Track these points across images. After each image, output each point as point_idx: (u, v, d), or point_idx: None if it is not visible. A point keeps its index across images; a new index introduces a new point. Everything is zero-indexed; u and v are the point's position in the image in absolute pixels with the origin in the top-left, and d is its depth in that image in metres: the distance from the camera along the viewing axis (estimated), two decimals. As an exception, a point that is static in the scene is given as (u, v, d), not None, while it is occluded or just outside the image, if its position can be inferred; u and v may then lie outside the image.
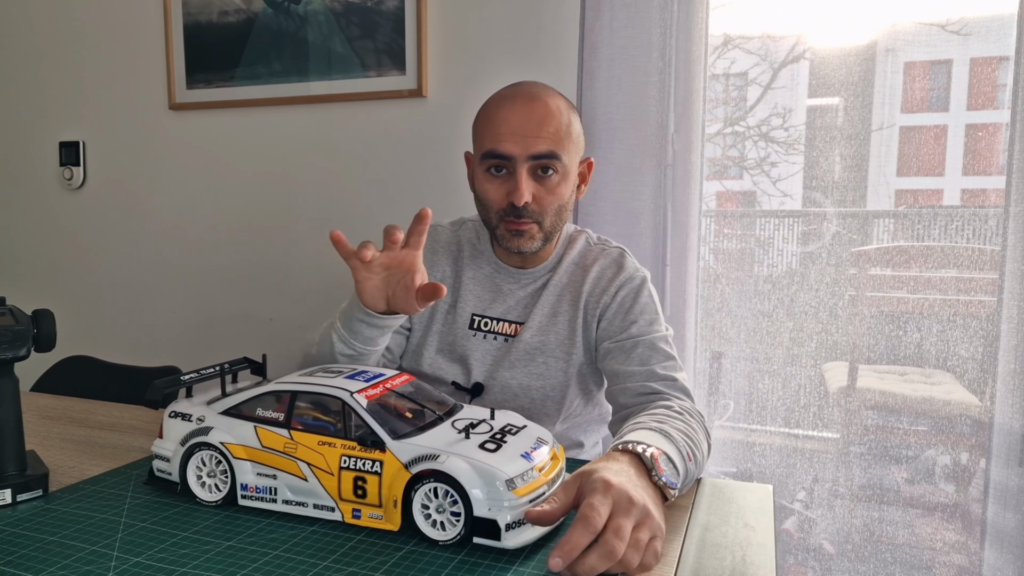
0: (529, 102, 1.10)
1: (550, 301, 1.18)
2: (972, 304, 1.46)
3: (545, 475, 0.74)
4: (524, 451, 0.74)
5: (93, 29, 2.07)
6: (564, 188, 1.12)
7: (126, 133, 2.08)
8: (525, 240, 1.12)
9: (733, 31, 1.60)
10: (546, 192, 1.10)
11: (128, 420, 1.15)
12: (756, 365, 1.61)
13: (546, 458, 0.76)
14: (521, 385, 1.15)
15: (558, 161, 1.09)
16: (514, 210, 1.09)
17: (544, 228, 1.12)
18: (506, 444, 0.74)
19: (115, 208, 2.12)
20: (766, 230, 1.66)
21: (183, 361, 1.67)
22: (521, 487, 0.69)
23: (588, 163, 1.20)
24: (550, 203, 1.11)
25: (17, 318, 0.82)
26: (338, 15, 1.79)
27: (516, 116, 1.09)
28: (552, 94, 1.13)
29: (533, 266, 1.20)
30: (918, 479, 1.57)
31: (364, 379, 0.82)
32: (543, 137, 1.08)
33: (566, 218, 1.16)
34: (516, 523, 0.68)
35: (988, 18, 1.42)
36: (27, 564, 0.67)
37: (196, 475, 0.81)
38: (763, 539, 0.76)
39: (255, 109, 1.92)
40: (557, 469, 0.77)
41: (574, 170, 1.14)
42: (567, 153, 1.10)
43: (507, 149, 1.08)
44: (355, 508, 0.74)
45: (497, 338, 1.18)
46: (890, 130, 1.52)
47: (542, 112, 1.09)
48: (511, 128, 1.08)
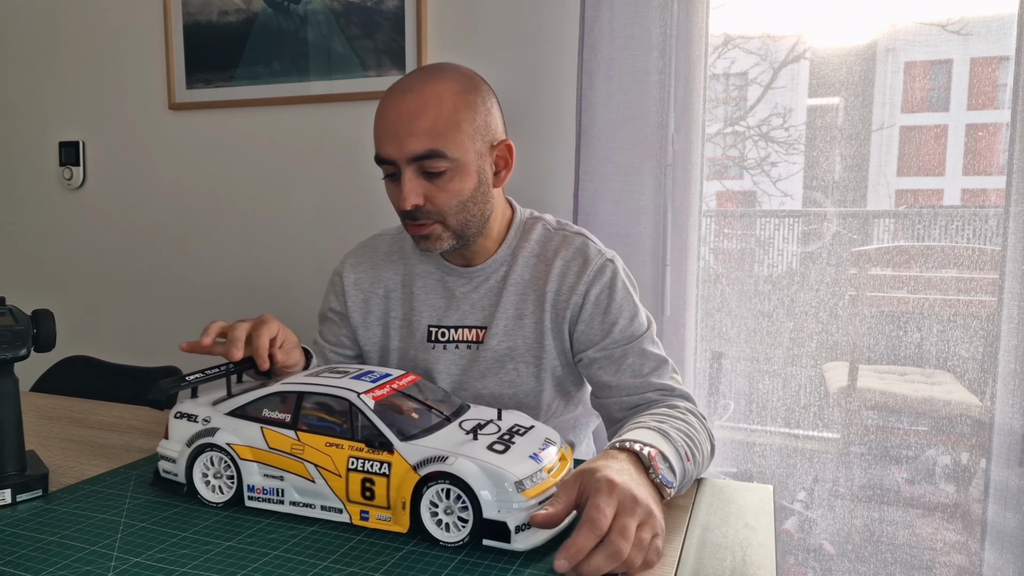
0: (401, 96, 1.00)
1: (513, 301, 1.10)
2: (972, 304, 1.46)
3: (554, 476, 0.73)
4: (532, 452, 0.73)
5: (93, 29, 2.07)
6: (460, 183, 1.02)
7: (126, 133, 2.08)
8: (432, 242, 1.04)
9: (733, 31, 1.60)
10: (438, 191, 1.01)
11: (128, 420, 1.15)
12: (756, 365, 1.61)
13: (554, 459, 0.75)
14: (493, 394, 1.10)
15: (441, 159, 0.99)
16: (408, 213, 1.02)
17: (451, 226, 1.04)
18: (514, 445, 0.74)
19: (115, 208, 2.12)
20: (766, 230, 1.66)
21: (183, 361, 1.67)
22: (530, 489, 0.69)
23: (506, 145, 1.07)
24: (445, 201, 1.01)
25: (17, 318, 0.82)
26: (338, 15, 1.79)
27: (390, 114, 1.00)
28: (436, 80, 1.01)
29: (480, 262, 1.12)
30: (918, 479, 1.57)
31: (371, 379, 0.81)
32: (417, 135, 0.98)
33: (480, 212, 1.06)
34: (526, 525, 0.68)
35: (988, 18, 1.42)
36: (27, 564, 0.67)
37: (202, 476, 0.81)
38: (763, 539, 0.76)
39: (255, 109, 1.92)
40: (565, 470, 0.76)
41: (473, 161, 1.02)
42: (454, 145, 0.99)
43: (387, 152, 1.00)
44: (363, 510, 0.74)
45: (459, 347, 1.12)
46: (890, 130, 1.52)
47: (414, 106, 0.99)
48: (386, 128, 1.01)
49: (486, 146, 1.04)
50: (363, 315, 1.19)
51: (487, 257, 1.12)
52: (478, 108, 1.03)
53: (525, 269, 1.11)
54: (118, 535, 0.73)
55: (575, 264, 1.09)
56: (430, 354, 1.13)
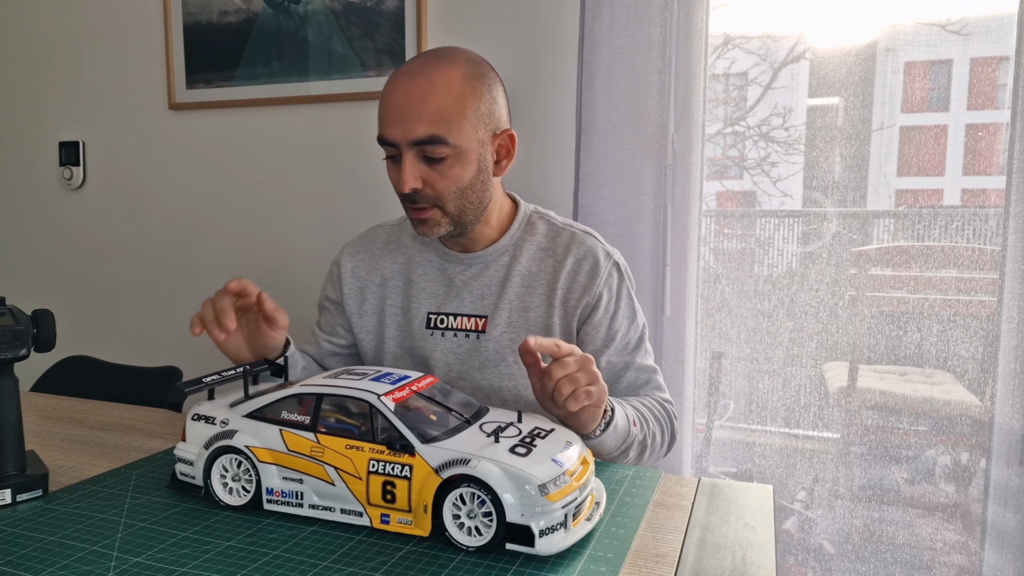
0: (409, 80, 1.01)
1: (518, 293, 1.11)
2: (972, 304, 1.46)
3: (576, 479, 0.72)
4: (554, 456, 0.72)
5: (93, 29, 2.07)
6: (460, 171, 1.02)
7: (126, 133, 2.08)
8: (429, 227, 1.06)
9: (733, 31, 1.60)
10: (437, 176, 1.02)
11: (128, 420, 1.15)
12: (756, 365, 1.61)
13: (576, 462, 0.74)
14: (492, 386, 1.10)
15: (443, 145, 1.00)
16: (407, 196, 1.04)
17: (448, 212, 1.05)
18: (536, 448, 0.72)
19: (115, 208, 2.12)
20: (766, 230, 1.66)
21: (183, 361, 1.67)
22: (553, 492, 0.68)
23: (508, 134, 1.08)
24: (444, 187, 1.02)
25: (17, 318, 0.82)
26: (338, 15, 1.79)
27: (396, 96, 1.01)
28: (444, 66, 1.02)
29: (480, 247, 1.13)
30: (918, 479, 1.57)
31: (390, 381, 0.80)
32: (422, 120, 0.99)
33: (478, 199, 1.07)
34: (549, 529, 0.67)
35: (988, 18, 1.42)
36: (27, 564, 0.67)
37: (220, 479, 0.80)
38: (763, 539, 0.76)
39: (255, 109, 1.92)
40: (588, 474, 0.75)
41: (474, 148, 1.03)
42: (458, 132, 1.00)
43: (390, 134, 1.01)
44: (384, 513, 0.73)
45: (458, 335, 1.12)
46: (890, 130, 1.52)
47: (421, 90, 0.99)
48: (391, 110, 1.01)
49: (488, 134, 1.05)
50: (358, 303, 1.19)
51: (487, 244, 1.13)
52: (483, 96, 1.03)
53: (531, 262, 1.12)
54: (118, 535, 0.73)
55: (587, 264, 1.11)
56: (428, 341, 1.13)
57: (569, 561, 0.68)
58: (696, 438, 1.63)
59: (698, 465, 1.66)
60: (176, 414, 1.17)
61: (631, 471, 0.90)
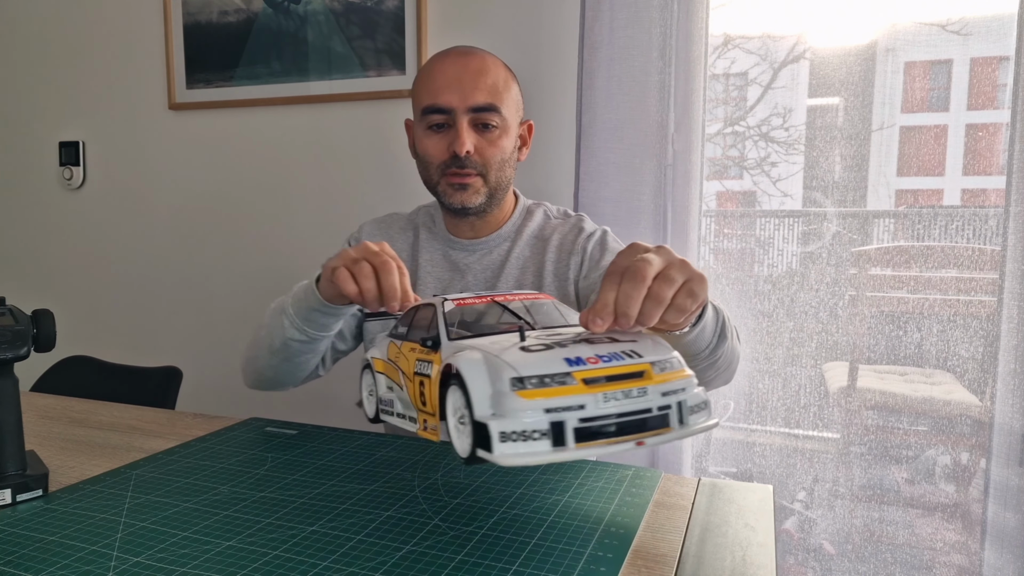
0: (464, 56, 1.11)
1: (514, 275, 1.17)
2: (972, 304, 1.46)
3: (592, 388, 0.55)
4: (578, 356, 0.57)
5: (93, 29, 2.07)
6: (505, 142, 1.12)
7: (126, 133, 2.08)
8: (469, 195, 1.11)
9: (733, 31, 1.60)
10: (488, 144, 1.10)
11: (128, 420, 1.15)
12: (756, 365, 1.61)
13: (609, 371, 0.56)
14: None
15: (497, 114, 1.10)
16: (456, 161, 1.09)
17: (488, 182, 1.12)
18: (564, 348, 0.57)
19: (115, 208, 2.12)
20: (766, 230, 1.66)
21: (183, 361, 1.67)
22: (530, 390, 0.54)
23: (528, 125, 1.21)
24: (492, 155, 1.11)
25: (17, 318, 0.82)
26: (338, 15, 1.79)
27: (453, 68, 1.10)
28: (487, 53, 1.14)
29: (486, 234, 1.20)
30: (918, 479, 1.57)
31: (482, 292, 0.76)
32: (481, 89, 1.08)
33: (510, 176, 1.16)
34: (517, 435, 0.53)
35: (988, 18, 1.42)
36: (27, 564, 0.67)
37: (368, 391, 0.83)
38: (763, 539, 0.76)
39: (255, 109, 1.92)
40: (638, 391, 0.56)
41: (514, 127, 1.15)
42: (506, 107, 1.11)
43: (446, 101, 1.08)
44: (424, 418, 0.67)
45: None
46: (890, 130, 1.52)
47: (478, 65, 1.10)
48: (448, 80, 1.09)
49: (518, 119, 1.17)
50: None
51: (493, 230, 1.20)
52: (515, 86, 1.16)
53: (526, 247, 1.19)
54: (118, 535, 0.72)
55: (571, 235, 1.18)
56: None
57: (569, 561, 0.68)
58: (696, 438, 1.63)
59: (698, 465, 1.66)
60: (176, 414, 1.18)
61: (631, 471, 0.90)
